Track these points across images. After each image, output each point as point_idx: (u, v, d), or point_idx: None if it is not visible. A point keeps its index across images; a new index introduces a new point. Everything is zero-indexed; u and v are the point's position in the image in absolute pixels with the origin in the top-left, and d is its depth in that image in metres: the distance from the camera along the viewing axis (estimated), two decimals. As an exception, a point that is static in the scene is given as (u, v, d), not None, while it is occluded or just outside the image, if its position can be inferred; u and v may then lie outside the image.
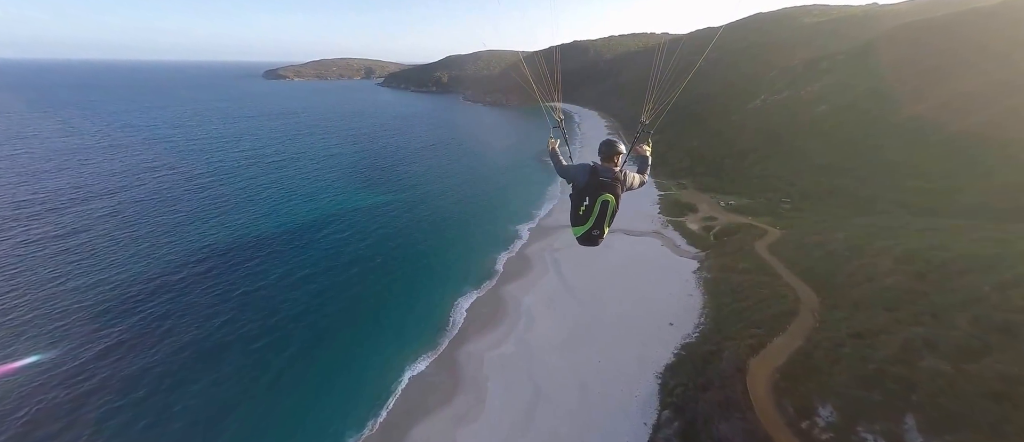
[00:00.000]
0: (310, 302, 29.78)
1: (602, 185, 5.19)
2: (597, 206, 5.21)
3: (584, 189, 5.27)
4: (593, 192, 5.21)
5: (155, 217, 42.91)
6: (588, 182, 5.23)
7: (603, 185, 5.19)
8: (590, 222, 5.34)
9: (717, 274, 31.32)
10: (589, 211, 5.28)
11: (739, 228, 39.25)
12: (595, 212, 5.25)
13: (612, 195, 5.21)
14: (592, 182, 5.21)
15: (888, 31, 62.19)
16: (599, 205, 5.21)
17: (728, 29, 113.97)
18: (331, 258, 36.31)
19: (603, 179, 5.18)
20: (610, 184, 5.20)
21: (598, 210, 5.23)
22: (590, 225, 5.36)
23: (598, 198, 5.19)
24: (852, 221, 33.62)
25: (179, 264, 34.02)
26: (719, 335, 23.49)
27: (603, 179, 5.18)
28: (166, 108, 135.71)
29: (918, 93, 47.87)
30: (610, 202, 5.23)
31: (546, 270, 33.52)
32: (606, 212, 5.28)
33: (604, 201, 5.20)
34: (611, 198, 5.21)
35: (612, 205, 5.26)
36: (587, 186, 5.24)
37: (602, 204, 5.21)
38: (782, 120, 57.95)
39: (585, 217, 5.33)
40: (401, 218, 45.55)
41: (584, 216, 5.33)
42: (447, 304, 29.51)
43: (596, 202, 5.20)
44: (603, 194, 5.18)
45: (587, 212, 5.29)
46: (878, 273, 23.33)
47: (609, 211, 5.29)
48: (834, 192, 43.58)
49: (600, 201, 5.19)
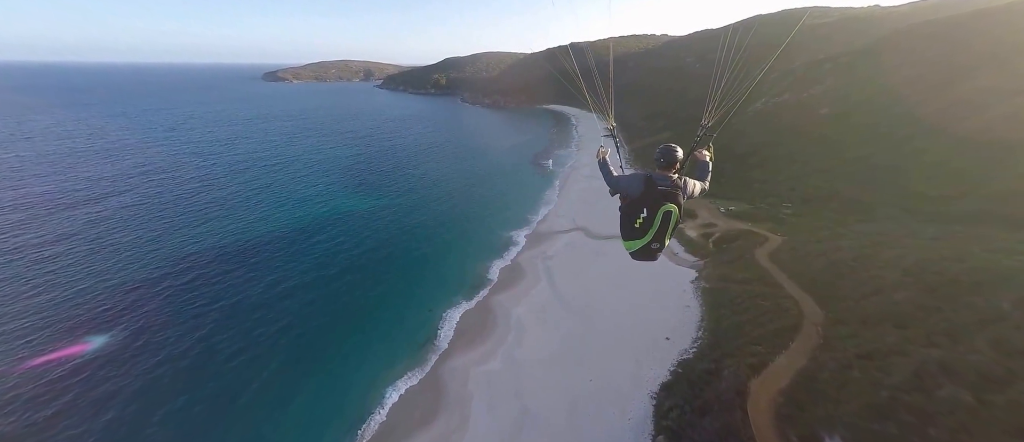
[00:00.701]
0: (297, 314, 28.49)
1: (663, 195, 4.94)
2: (658, 218, 4.98)
3: (640, 200, 5.05)
4: (652, 203, 4.97)
5: (140, 225, 41.70)
6: (645, 193, 5.01)
7: (664, 195, 4.94)
8: (649, 235, 5.09)
9: (716, 284, 30.05)
10: (648, 223, 5.04)
11: (739, 235, 38.00)
12: (656, 224, 5.01)
13: (675, 205, 4.97)
14: (650, 192, 4.98)
15: (892, 33, 61.09)
16: (660, 217, 4.97)
17: (726, 31, 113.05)
18: (321, 267, 35.07)
19: (662, 188, 4.95)
20: (671, 193, 4.96)
21: (659, 222, 4.99)
22: (649, 238, 5.11)
23: (659, 209, 4.94)
24: (856, 228, 32.36)
25: (161, 275, 32.75)
26: (718, 351, 22.20)
27: (662, 188, 4.95)
28: (162, 111, 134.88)
29: (923, 96, 46.67)
30: (673, 212, 4.97)
31: (538, 279, 32.28)
32: (668, 224, 5.02)
33: (666, 212, 4.95)
34: (674, 208, 4.97)
35: (675, 215, 5.02)
36: (644, 197, 5.02)
37: (664, 216, 4.96)
38: (783, 123, 56.76)
39: (643, 230, 5.07)
40: (395, 224, 44.34)
41: (641, 229, 5.08)
42: (437, 315, 28.24)
43: (657, 213, 4.96)
44: (665, 204, 4.93)
45: (646, 224, 5.05)
46: (886, 286, 22.05)
47: (672, 222, 5.03)
48: (837, 197, 42.32)
49: (662, 212, 4.94)
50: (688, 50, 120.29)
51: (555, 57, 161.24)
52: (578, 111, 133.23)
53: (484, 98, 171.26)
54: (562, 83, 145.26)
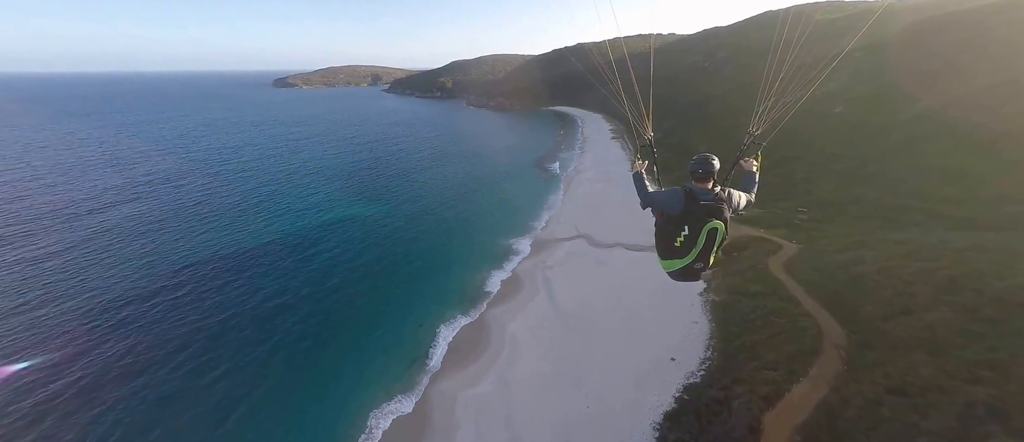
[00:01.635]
0: (290, 331, 27.18)
1: (707, 210, 4.61)
2: (702, 236, 4.65)
3: (681, 217, 4.74)
4: (695, 220, 4.65)
5: (140, 236, 41.13)
6: (686, 209, 4.70)
7: (708, 210, 4.61)
8: (692, 255, 4.77)
9: (726, 297, 28.06)
10: (691, 242, 4.72)
11: (750, 241, 35.83)
12: (700, 243, 4.69)
13: (721, 221, 4.65)
14: (692, 208, 4.67)
15: (910, 25, 57.93)
16: (705, 235, 4.64)
17: (736, 28, 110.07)
18: (318, 280, 33.80)
19: (705, 203, 4.62)
20: (715, 208, 4.63)
21: (704, 240, 4.67)
22: (692, 258, 4.78)
23: (704, 226, 4.62)
24: (879, 236, 29.99)
25: (156, 289, 31.80)
26: (728, 377, 20.33)
27: (705, 203, 4.62)
28: (173, 119, 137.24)
29: (949, 90, 43.75)
30: (719, 229, 4.66)
31: (537, 291, 30.70)
32: (714, 241, 4.71)
33: (712, 229, 4.63)
34: (720, 225, 4.66)
35: (721, 232, 4.72)
36: (686, 213, 4.71)
37: (709, 233, 4.63)
38: (796, 123, 53.90)
39: (685, 249, 4.76)
40: (394, 234, 43.08)
41: (683, 248, 4.76)
42: (429, 331, 26.82)
43: (701, 231, 4.64)
44: (710, 221, 4.61)
45: (688, 243, 4.73)
46: (917, 305, 19.91)
47: (718, 239, 4.72)
48: (856, 201, 39.73)
49: (706, 230, 4.62)
50: (695, 49, 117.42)
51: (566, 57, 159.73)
52: (583, 113, 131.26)
53: (489, 101, 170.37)
54: (566, 84, 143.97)
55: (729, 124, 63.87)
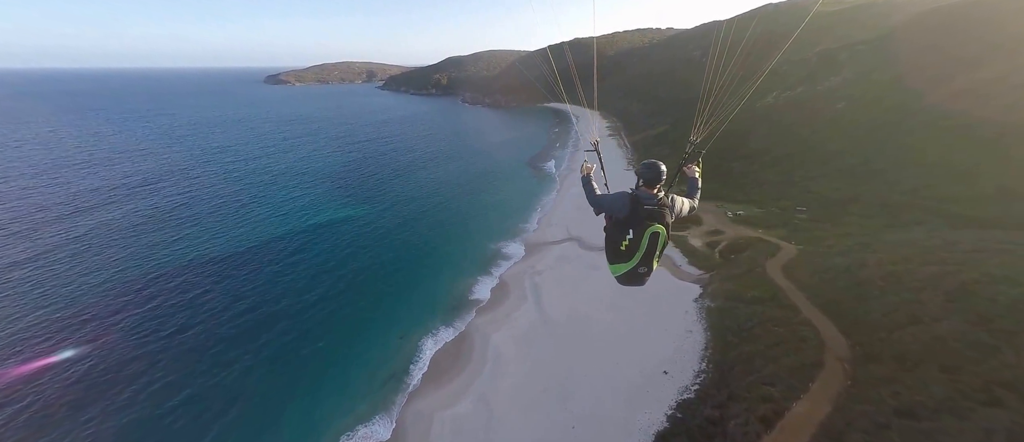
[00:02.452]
0: (264, 350, 25.23)
1: (649, 214, 4.67)
2: (645, 240, 4.69)
3: (626, 221, 4.77)
4: (638, 224, 4.69)
5: (110, 245, 38.85)
6: (631, 213, 4.73)
7: (650, 214, 4.68)
8: (636, 259, 4.80)
9: (722, 303, 26.72)
10: (634, 246, 4.74)
11: (748, 243, 34.52)
12: (643, 247, 4.72)
13: (662, 225, 4.70)
14: (636, 212, 4.70)
15: (913, 17, 56.44)
16: (648, 239, 4.69)
17: (735, 21, 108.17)
18: (299, 291, 31.73)
19: (648, 207, 4.68)
20: (657, 212, 4.69)
21: (646, 244, 4.71)
22: (636, 262, 4.81)
23: (646, 230, 4.67)
24: (883, 238, 28.67)
25: (120, 305, 28.97)
26: (724, 392, 19.01)
27: (648, 207, 4.68)
28: (159, 117, 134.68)
29: (953, 85, 42.37)
30: (660, 234, 4.70)
31: (524, 298, 29.31)
32: (656, 246, 4.74)
33: (653, 233, 4.67)
34: (661, 229, 4.71)
35: (663, 237, 4.74)
36: (630, 217, 4.74)
37: (651, 237, 4.68)
38: (796, 118, 52.73)
39: (629, 253, 4.78)
40: (381, 240, 41.24)
41: (628, 252, 4.79)
42: (410, 344, 25.36)
43: (643, 235, 4.68)
44: (652, 225, 4.67)
45: (632, 247, 4.75)
46: (926, 314, 18.59)
47: (659, 244, 4.75)
48: (857, 199, 38.44)
49: (648, 234, 4.67)
50: (693, 43, 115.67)
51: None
52: (579, 110, 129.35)
53: (484, 98, 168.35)
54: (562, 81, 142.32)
55: (726, 125, 62.47)
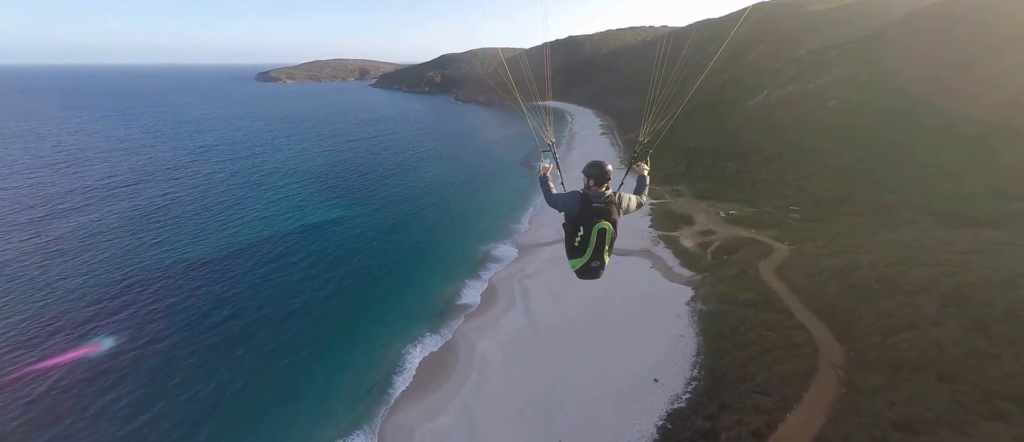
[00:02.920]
0: (244, 361, 24.04)
1: (596, 212, 4.94)
2: (593, 236, 4.96)
3: (577, 218, 5.05)
4: (587, 221, 4.97)
5: (83, 251, 36.65)
6: (581, 211, 5.00)
7: (598, 212, 4.94)
8: (587, 254, 5.08)
9: (715, 306, 26.12)
10: (585, 242, 5.02)
11: (741, 244, 33.99)
12: (592, 242, 4.99)
13: (608, 221, 4.95)
14: (585, 210, 4.97)
15: (905, 16, 56.32)
16: (595, 235, 4.95)
17: (728, 19, 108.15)
18: (282, 299, 30.13)
19: (596, 205, 4.95)
20: (604, 210, 4.95)
21: (595, 240, 4.97)
22: (588, 257, 5.10)
23: (593, 227, 4.94)
24: (876, 238, 28.25)
25: (92, 314, 27.55)
26: (716, 402, 18.35)
27: (596, 205, 4.95)
28: (143, 115, 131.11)
29: (944, 83, 42.20)
30: (607, 230, 4.96)
31: (513, 302, 28.48)
32: (604, 241, 5.01)
33: (601, 230, 4.93)
34: (608, 225, 4.95)
35: (610, 233, 5.00)
36: (581, 215, 5.01)
37: (598, 233, 4.95)
38: (789, 117, 52.40)
39: (581, 248, 5.08)
40: (368, 244, 39.70)
41: (580, 247, 5.08)
42: (393, 353, 24.36)
43: (592, 231, 4.95)
44: (599, 222, 4.92)
45: (583, 243, 5.04)
46: (921, 318, 18.07)
47: (607, 239, 5.01)
48: (850, 199, 38.13)
49: (596, 230, 4.94)
50: (686, 41, 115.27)
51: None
52: (574, 108, 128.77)
53: (478, 96, 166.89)
54: (559, 78, 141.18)
55: (719, 118, 62.07)
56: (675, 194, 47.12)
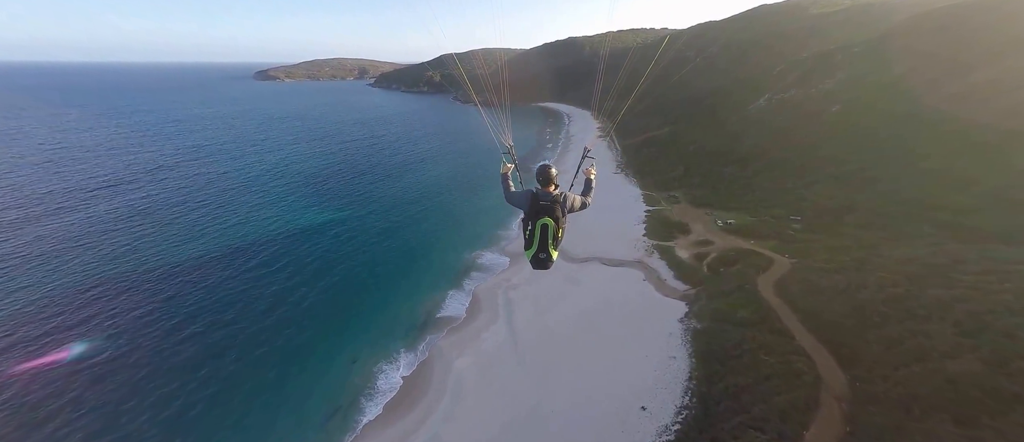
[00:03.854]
0: (209, 390, 22.20)
1: (541, 209, 5.39)
2: (537, 230, 5.39)
3: (527, 215, 5.49)
4: (533, 216, 5.42)
5: (52, 258, 35.30)
6: (530, 207, 5.43)
7: (543, 209, 5.38)
8: (535, 245, 5.49)
9: (709, 324, 24.48)
10: (532, 235, 5.46)
11: (739, 255, 32.33)
12: (537, 235, 5.42)
13: (551, 218, 5.36)
14: (533, 207, 5.41)
15: (910, 19, 54.68)
16: (540, 229, 5.38)
17: (729, 22, 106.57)
18: (257, 313, 28.49)
19: (543, 203, 5.38)
20: (549, 208, 5.38)
21: (539, 233, 5.40)
22: (535, 248, 5.51)
23: (537, 222, 5.37)
24: (883, 253, 26.55)
25: (57, 325, 26.42)
26: (706, 436, 16.72)
27: (543, 203, 5.38)
28: (136, 113, 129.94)
29: (951, 88, 40.52)
30: (549, 225, 5.38)
31: (495, 316, 26.86)
32: (547, 235, 5.40)
33: (543, 225, 5.37)
34: (550, 221, 5.36)
35: (552, 228, 5.39)
36: (529, 211, 5.45)
37: (542, 228, 5.38)
38: (790, 122, 50.73)
39: (531, 240, 5.52)
40: (354, 253, 37.74)
41: (530, 239, 5.52)
42: (364, 370, 22.91)
43: (536, 226, 5.38)
44: (542, 218, 5.37)
45: (531, 235, 5.47)
46: (934, 349, 16.43)
47: (549, 234, 5.41)
48: (854, 208, 36.43)
49: (540, 225, 5.37)
50: (688, 44, 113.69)
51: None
52: (572, 109, 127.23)
53: (476, 96, 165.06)
54: (558, 79, 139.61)
55: (719, 121, 60.37)
56: (671, 200, 45.47)
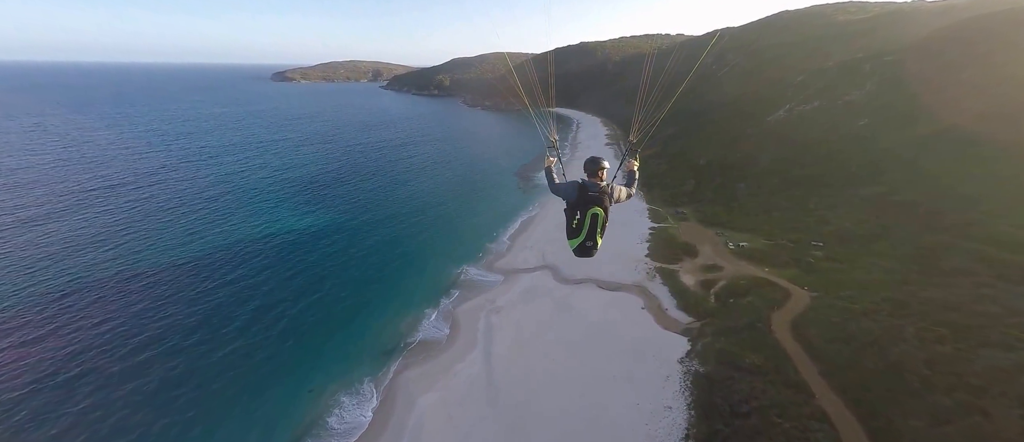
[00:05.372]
0: (160, 426, 20.10)
1: (591, 199, 5.48)
2: (587, 219, 5.50)
3: (575, 204, 5.60)
4: (583, 206, 5.51)
5: (34, 269, 33.98)
6: (578, 197, 5.55)
7: (592, 199, 5.48)
8: (583, 234, 5.59)
9: (714, 368, 21.33)
10: (581, 224, 5.55)
11: (751, 285, 28.96)
12: (586, 225, 5.53)
13: (600, 208, 5.49)
14: (581, 197, 5.52)
15: (953, 25, 50.22)
16: (590, 218, 5.50)
17: (748, 29, 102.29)
18: (214, 331, 26.39)
19: (591, 194, 5.48)
20: (598, 198, 5.48)
21: (589, 223, 5.52)
22: (583, 237, 5.60)
23: (588, 211, 5.48)
24: (921, 294, 22.95)
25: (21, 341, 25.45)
26: (703, 525, 13.70)
27: (591, 194, 5.48)
28: (151, 112, 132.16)
29: (997, 103, 36.33)
30: (599, 215, 5.50)
31: (473, 344, 24.23)
32: (596, 224, 5.55)
33: (594, 214, 5.48)
34: (600, 211, 5.49)
35: (602, 217, 5.53)
36: (578, 201, 5.56)
37: (592, 217, 5.49)
38: (812, 136, 46.86)
39: (578, 230, 5.59)
40: (336, 264, 35.44)
41: (577, 229, 5.60)
42: (320, 408, 20.25)
43: (586, 215, 5.50)
44: (592, 207, 5.47)
45: (579, 225, 5.57)
46: (992, 434, 13.11)
47: (599, 223, 5.55)
48: (884, 235, 32.61)
49: (590, 214, 5.48)
50: (703, 50, 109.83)
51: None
52: (581, 115, 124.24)
53: (485, 100, 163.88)
54: (568, 85, 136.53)
55: (734, 133, 56.63)
56: (679, 218, 42.14)
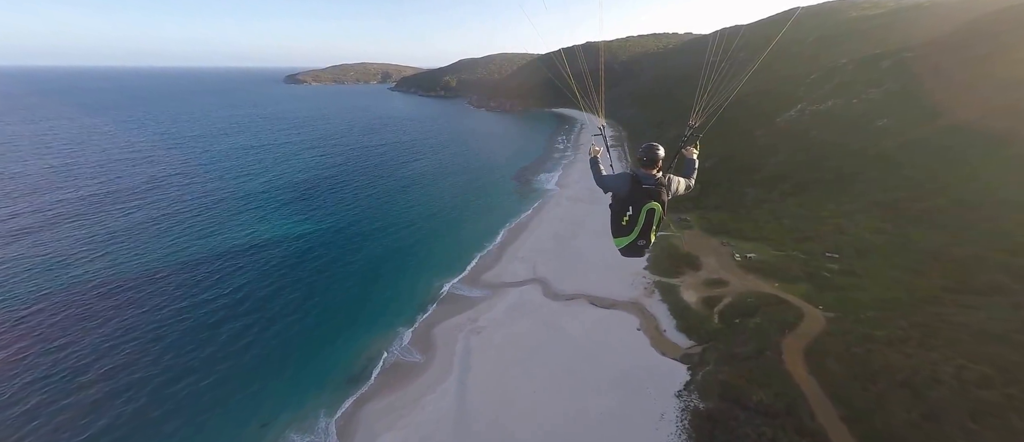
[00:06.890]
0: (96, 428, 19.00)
1: (647, 193, 5.01)
2: (642, 216, 5.06)
3: (626, 199, 5.13)
4: (636, 201, 5.05)
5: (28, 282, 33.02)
6: (631, 191, 5.08)
7: (648, 193, 5.01)
8: (635, 232, 5.17)
9: (716, 404, 18.82)
10: (633, 221, 5.12)
11: (759, 303, 26.26)
12: (640, 222, 5.09)
13: (658, 203, 5.02)
14: (635, 191, 5.05)
15: (977, 18, 46.67)
16: (644, 215, 5.05)
17: (760, 25, 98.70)
18: (179, 351, 24.58)
19: (647, 187, 5.01)
20: (655, 191, 5.02)
21: (643, 220, 5.08)
22: (635, 235, 5.19)
23: (643, 207, 5.03)
24: (956, 322, 20.05)
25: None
26: None
27: (647, 187, 5.01)
28: (159, 114, 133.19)
29: (1038, 103, 32.99)
30: (656, 210, 5.04)
31: (447, 371, 22.00)
32: (652, 221, 5.11)
33: (650, 210, 5.02)
34: (657, 206, 5.02)
35: (658, 213, 5.07)
36: (630, 195, 5.10)
37: (647, 213, 5.04)
38: (827, 137, 43.76)
39: (629, 227, 5.17)
40: (315, 275, 33.68)
41: (628, 226, 5.17)
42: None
43: (641, 212, 5.05)
44: (648, 203, 5.00)
45: (631, 222, 5.14)
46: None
47: (655, 220, 5.11)
48: (907, 247, 29.56)
49: (645, 210, 5.03)
50: (711, 49, 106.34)
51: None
52: (585, 116, 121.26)
53: (490, 101, 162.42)
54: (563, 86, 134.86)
55: (742, 134, 53.56)
56: (682, 225, 39.38)
